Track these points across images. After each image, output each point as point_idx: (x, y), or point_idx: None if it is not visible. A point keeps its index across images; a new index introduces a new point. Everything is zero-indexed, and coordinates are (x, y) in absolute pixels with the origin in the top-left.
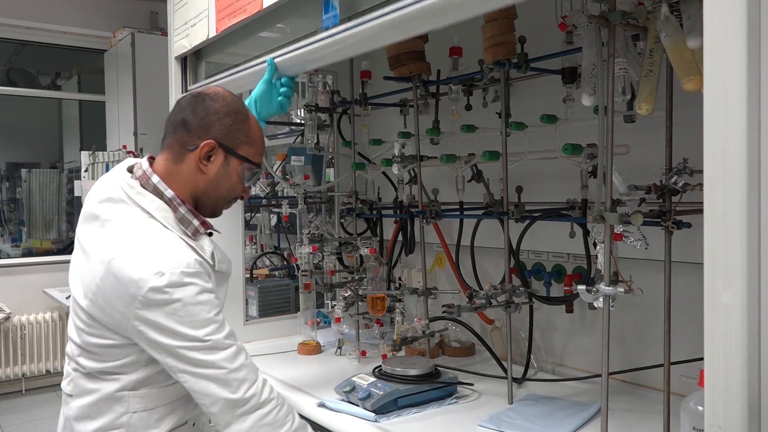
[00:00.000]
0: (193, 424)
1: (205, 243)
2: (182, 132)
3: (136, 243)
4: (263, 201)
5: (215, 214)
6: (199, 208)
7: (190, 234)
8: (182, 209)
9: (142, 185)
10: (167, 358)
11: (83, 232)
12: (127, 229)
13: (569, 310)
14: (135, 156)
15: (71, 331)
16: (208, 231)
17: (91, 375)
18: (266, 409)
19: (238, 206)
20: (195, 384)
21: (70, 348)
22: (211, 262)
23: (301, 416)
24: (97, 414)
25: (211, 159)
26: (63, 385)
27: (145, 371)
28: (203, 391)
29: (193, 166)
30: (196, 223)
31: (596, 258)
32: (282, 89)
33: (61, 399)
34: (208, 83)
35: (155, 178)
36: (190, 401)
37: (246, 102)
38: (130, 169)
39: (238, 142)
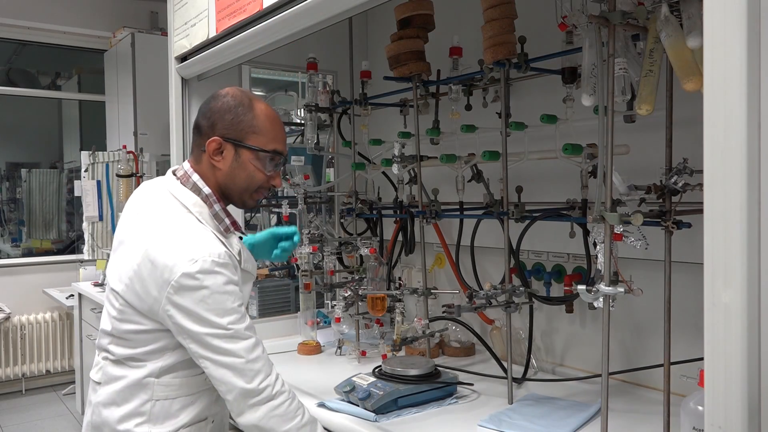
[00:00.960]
0: (213, 421)
1: (234, 241)
2: (197, 136)
3: (172, 232)
4: (263, 201)
5: (246, 205)
6: (229, 202)
7: (222, 230)
8: (216, 207)
9: (182, 183)
10: (191, 344)
11: (123, 224)
12: (165, 219)
13: (569, 310)
14: (135, 156)
15: (104, 321)
16: (238, 234)
17: (120, 362)
18: (278, 401)
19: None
20: (214, 371)
21: (99, 339)
22: (238, 258)
23: None
24: (123, 401)
25: (223, 154)
26: (92, 374)
27: (171, 358)
28: (221, 378)
29: (208, 164)
30: (227, 221)
31: (596, 258)
32: (284, 243)
33: (89, 389)
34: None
35: (195, 177)
36: (211, 396)
37: (244, 240)
38: (174, 172)
39: (244, 133)
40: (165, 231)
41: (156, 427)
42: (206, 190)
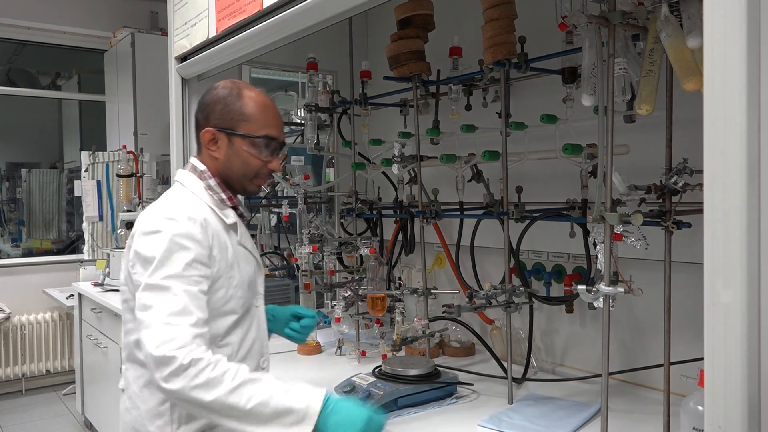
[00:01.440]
0: None
1: (230, 214)
2: (196, 130)
3: (158, 201)
4: (263, 201)
5: (249, 191)
6: (233, 191)
7: (216, 201)
8: (211, 181)
9: (184, 169)
10: (137, 302)
11: None
12: (161, 198)
13: (569, 310)
14: (135, 156)
15: (122, 330)
16: (238, 211)
17: (134, 362)
18: (195, 369)
19: None
20: (140, 334)
21: (122, 351)
22: (233, 230)
23: None
24: (142, 402)
25: (218, 144)
26: (120, 386)
27: None
28: (142, 341)
29: (207, 155)
30: (223, 195)
31: (596, 258)
32: (301, 325)
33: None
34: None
35: (194, 160)
36: None
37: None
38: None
39: (234, 121)
40: (154, 203)
41: (182, 427)
42: (201, 167)
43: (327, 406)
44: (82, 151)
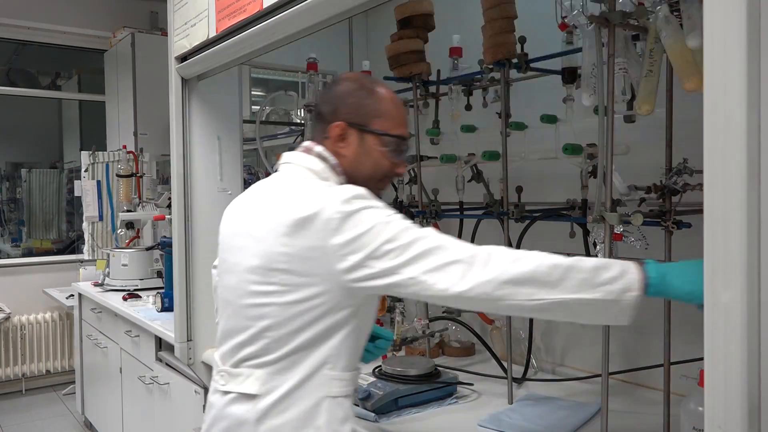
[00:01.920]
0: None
1: None
2: (318, 123)
3: (303, 187)
4: None
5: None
6: None
7: None
8: (342, 178)
9: (305, 153)
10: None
11: (235, 220)
12: (290, 184)
13: None
14: (135, 156)
15: (235, 327)
16: None
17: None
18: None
19: None
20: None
21: (235, 349)
22: None
23: None
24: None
25: (346, 140)
26: (244, 390)
27: (339, 335)
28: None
29: (332, 151)
30: None
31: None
32: (376, 345)
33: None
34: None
35: (319, 148)
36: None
37: None
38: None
39: (368, 117)
40: (293, 191)
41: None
42: (332, 159)
43: (650, 263)
44: (82, 151)
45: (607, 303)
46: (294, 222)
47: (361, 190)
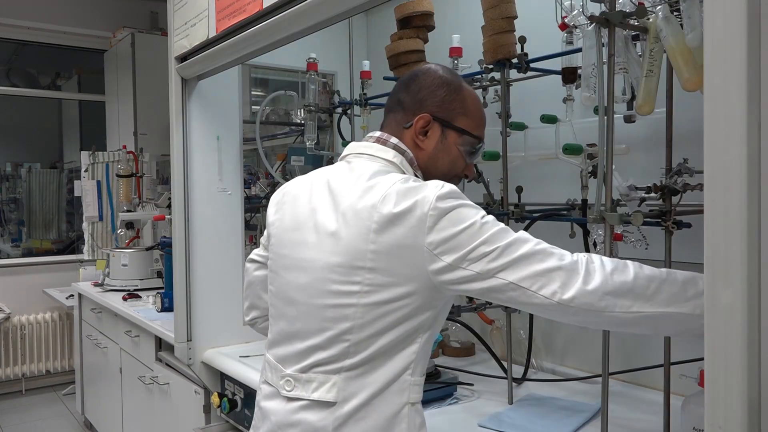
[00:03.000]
0: None
1: None
2: (398, 111)
3: (390, 181)
4: (263, 201)
5: None
6: None
7: None
8: (418, 173)
9: (380, 144)
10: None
11: (302, 208)
12: (369, 176)
13: None
14: (135, 156)
15: (309, 326)
16: None
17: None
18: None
19: (237, 205)
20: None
21: (304, 353)
22: None
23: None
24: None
25: (428, 134)
26: (323, 397)
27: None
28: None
29: (411, 143)
30: None
31: None
32: None
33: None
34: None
35: (394, 139)
36: None
37: None
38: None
39: (454, 113)
40: (380, 185)
41: None
42: (409, 152)
43: None
44: (82, 151)
45: (695, 317)
46: (385, 218)
47: (454, 188)
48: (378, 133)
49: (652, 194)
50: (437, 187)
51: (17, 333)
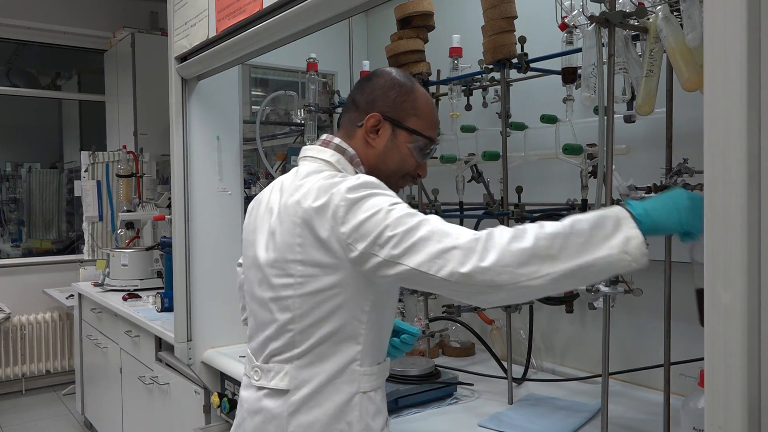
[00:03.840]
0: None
1: None
2: (352, 110)
3: (314, 179)
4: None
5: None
6: None
7: None
8: (360, 168)
9: (322, 146)
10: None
11: (257, 217)
12: (304, 178)
13: (569, 310)
14: (135, 156)
15: (263, 321)
16: None
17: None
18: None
19: (237, 205)
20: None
21: (264, 344)
22: None
23: None
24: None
25: (379, 132)
26: (276, 385)
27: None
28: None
29: (362, 141)
30: None
31: None
32: (401, 340)
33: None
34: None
35: (337, 140)
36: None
37: None
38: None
39: (404, 114)
40: (307, 183)
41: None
42: (350, 150)
43: (630, 203)
44: (82, 151)
45: (616, 256)
46: (306, 212)
47: (369, 179)
48: (324, 136)
49: (652, 194)
50: (352, 179)
51: (17, 333)
